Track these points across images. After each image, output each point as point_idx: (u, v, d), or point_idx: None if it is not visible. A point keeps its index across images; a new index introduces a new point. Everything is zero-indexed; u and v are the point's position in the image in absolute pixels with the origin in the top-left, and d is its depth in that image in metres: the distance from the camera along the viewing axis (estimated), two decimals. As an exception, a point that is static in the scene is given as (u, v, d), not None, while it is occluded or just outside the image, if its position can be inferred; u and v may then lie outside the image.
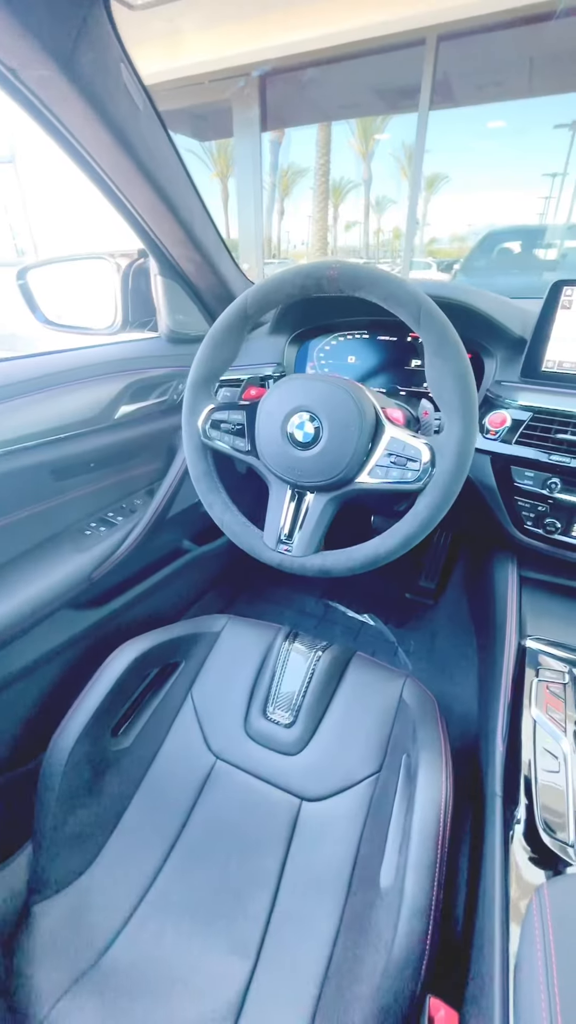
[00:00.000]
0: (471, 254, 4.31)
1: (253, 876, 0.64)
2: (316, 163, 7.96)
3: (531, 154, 5.98)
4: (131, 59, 0.56)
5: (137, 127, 0.62)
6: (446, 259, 6.58)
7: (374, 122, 6.82)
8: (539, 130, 5.04)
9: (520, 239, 4.30)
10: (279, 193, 9.23)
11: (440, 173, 7.94)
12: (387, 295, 0.58)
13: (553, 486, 0.72)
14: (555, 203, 5.53)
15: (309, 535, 0.66)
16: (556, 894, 0.41)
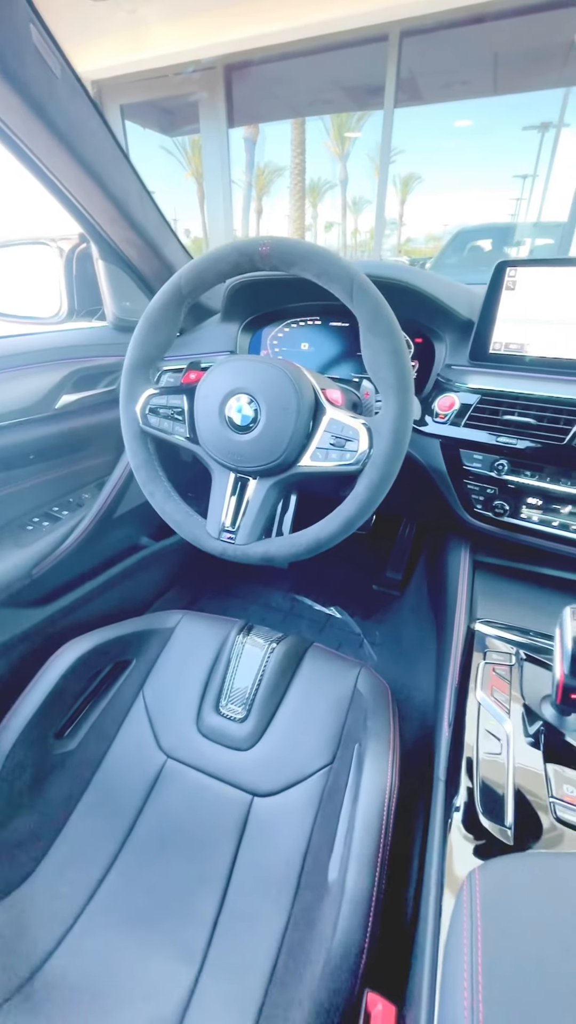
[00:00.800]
0: (443, 252, 4.36)
1: (202, 876, 0.62)
2: (291, 162, 7.97)
3: (503, 155, 6.08)
4: (44, 21, 0.53)
5: (54, 95, 0.59)
6: (420, 257, 6.65)
7: (348, 121, 6.84)
8: (509, 131, 5.12)
9: (491, 237, 4.37)
10: (256, 192, 9.19)
11: (415, 173, 8.02)
12: (320, 271, 0.56)
13: (500, 468, 0.72)
14: (526, 204, 5.63)
15: (252, 522, 0.64)
16: (487, 878, 0.39)
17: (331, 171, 8.90)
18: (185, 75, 3.76)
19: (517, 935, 0.35)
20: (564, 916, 0.35)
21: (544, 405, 0.69)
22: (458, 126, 5.08)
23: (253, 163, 7.85)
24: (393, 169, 6.87)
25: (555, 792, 0.48)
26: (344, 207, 9.07)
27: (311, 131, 7.51)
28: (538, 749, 0.53)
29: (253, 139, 7.35)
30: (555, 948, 0.34)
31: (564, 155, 4.88)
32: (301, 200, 8.25)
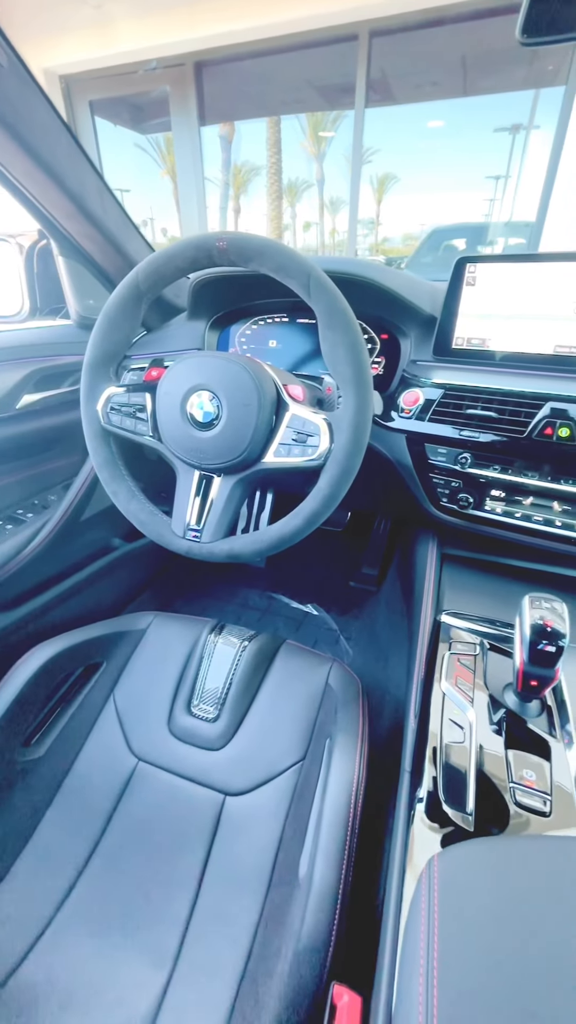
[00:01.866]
0: (418, 251, 4.41)
1: (174, 879, 0.62)
2: (268, 162, 7.95)
3: (476, 156, 6.15)
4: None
5: (1, 86, 0.58)
6: (397, 256, 6.72)
7: (324, 121, 6.85)
8: (481, 133, 5.20)
9: (464, 236, 4.44)
10: (234, 190, 9.13)
11: (391, 174, 8.08)
12: (277, 266, 0.56)
13: (464, 461, 0.73)
14: (499, 204, 5.72)
15: (217, 520, 0.64)
16: (445, 865, 0.40)
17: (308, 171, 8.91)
18: (154, 71, 3.71)
19: (473, 919, 0.35)
20: (519, 898, 0.36)
21: (505, 399, 0.70)
22: (431, 127, 5.14)
23: (230, 161, 7.81)
24: (369, 169, 6.92)
25: (515, 777, 0.49)
26: (321, 207, 9.09)
27: (288, 131, 7.50)
28: (500, 736, 0.53)
29: (229, 137, 7.31)
30: (510, 931, 0.34)
31: (534, 157, 4.98)
32: (278, 200, 8.24)
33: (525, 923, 0.35)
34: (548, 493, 0.70)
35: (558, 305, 0.69)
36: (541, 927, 0.34)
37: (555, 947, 0.33)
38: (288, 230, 10.16)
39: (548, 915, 0.35)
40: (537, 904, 0.35)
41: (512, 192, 5.44)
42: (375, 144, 5.62)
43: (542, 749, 0.52)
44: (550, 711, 0.56)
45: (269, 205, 8.50)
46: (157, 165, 7.59)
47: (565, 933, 0.33)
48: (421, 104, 4.15)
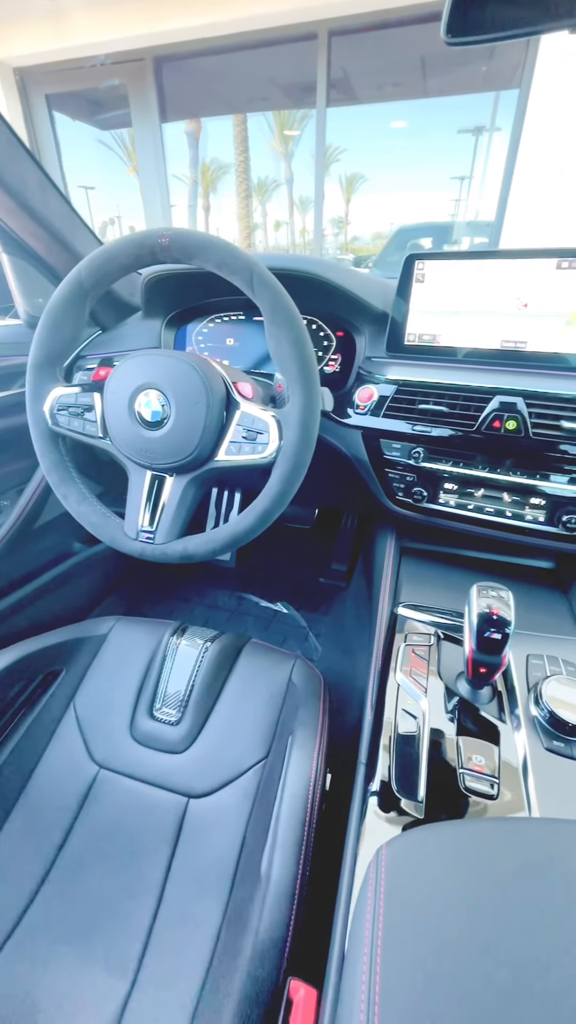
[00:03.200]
0: (384, 249, 4.47)
1: (137, 885, 0.61)
2: (235, 160, 7.89)
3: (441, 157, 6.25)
4: None
5: None
6: (366, 255, 6.79)
7: (290, 119, 6.85)
8: (445, 134, 5.29)
9: (430, 235, 4.52)
10: (202, 188, 9.04)
11: (359, 173, 8.14)
12: (220, 262, 0.56)
13: (417, 456, 0.74)
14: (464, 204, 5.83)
15: (170, 521, 0.63)
16: (392, 853, 0.40)
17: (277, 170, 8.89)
18: (105, 65, 3.64)
19: (417, 907, 0.36)
20: (462, 882, 0.37)
21: (456, 394, 0.72)
22: (394, 127, 5.21)
23: (198, 159, 7.72)
24: (337, 168, 6.96)
25: (464, 763, 0.50)
26: (291, 206, 9.09)
27: (256, 129, 7.46)
28: (452, 724, 0.55)
29: (196, 134, 7.23)
30: (452, 915, 0.35)
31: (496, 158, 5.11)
32: (247, 198, 8.20)
33: (467, 906, 0.35)
34: (498, 485, 0.71)
35: (503, 301, 0.71)
36: (483, 909, 0.35)
37: (496, 929, 0.34)
38: (259, 229, 10.12)
39: (489, 897, 0.35)
40: (478, 886, 0.36)
41: (476, 192, 5.56)
42: (341, 143, 5.65)
43: (491, 734, 0.53)
44: (500, 697, 0.58)
45: (238, 204, 8.45)
46: (123, 162, 7.45)
47: (504, 914, 0.34)
48: (384, 104, 4.20)
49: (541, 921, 0.34)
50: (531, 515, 0.70)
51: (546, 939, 0.33)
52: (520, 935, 0.33)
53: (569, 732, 0.51)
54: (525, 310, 0.70)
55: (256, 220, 9.75)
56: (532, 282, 0.69)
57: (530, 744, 0.52)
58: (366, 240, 8.36)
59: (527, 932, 0.33)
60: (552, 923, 0.33)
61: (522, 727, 0.54)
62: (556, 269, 0.67)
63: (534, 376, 0.69)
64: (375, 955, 0.34)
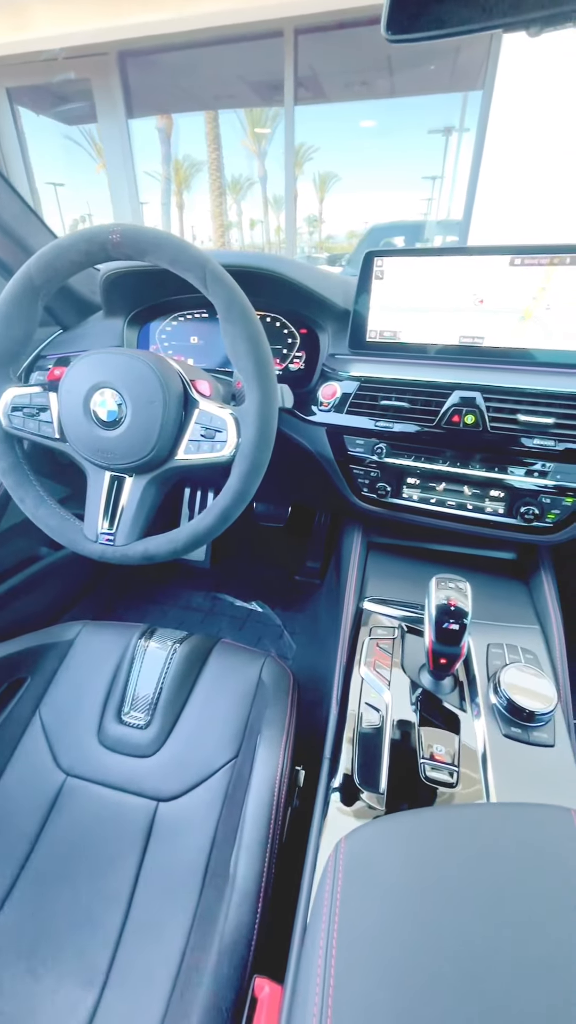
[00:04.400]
0: (358, 248, 4.52)
1: (105, 893, 0.60)
2: (208, 158, 7.82)
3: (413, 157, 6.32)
4: None
5: None
6: (340, 253, 6.82)
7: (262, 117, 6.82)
8: (416, 134, 5.34)
9: (403, 234, 4.58)
10: (176, 186, 8.92)
11: (332, 172, 8.15)
12: (172, 259, 0.55)
13: (380, 451, 0.75)
14: (436, 204, 5.91)
15: (131, 522, 0.63)
16: (350, 847, 0.40)
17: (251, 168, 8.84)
18: (75, 59, 3.56)
19: (373, 898, 0.36)
20: (416, 872, 0.37)
21: (417, 389, 0.73)
22: (364, 126, 5.24)
23: (170, 156, 7.61)
24: (311, 167, 6.96)
25: (425, 753, 0.51)
26: (265, 204, 9.06)
27: (229, 127, 7.41)
28: (415, 715, 0.55)
29: (167, 131, 7.13)
30: (406, 905, 0.35)
31: (465, 158, 5.19)
32: (220, 197, 8.13)
33: (420, 896, 0.36)
34: (459, 478, 0.73)
35: (460, 297, 0.72)
36: (435, 898, 0.35)
37: (447, 918, 0.34)
38: (235, 228, 10.07)
39: (442, 885, 0.36)
40: (432, 875, 0.37)
41: (447, 192, 5.64)
42: (313, 142, 5.65)
43: (452, 724, 0.54)
44: (462, 687, 0.59)
45: (212, 202, 8.38)
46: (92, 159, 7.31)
47: (456, 902, 0.35)
48: (353, 103, 4.22)
49: (491, 907, 0.34)
50: (491, 507, 0.72)
51: (496, 926, 0.33)
52: (470, 923, 0.34)
53: (526, 718, 0.53)
54: (481, 306, 0.72)
55: (232, 219, 9.68)
56: (487, 279, 0.70)
57: (489, 731, 0.53)
58: (341, 239, 8.40)
59: (477, 919, 0.34)
60: (501, 909, 0.34)
61: (482, 715, 0.55)
62: (509, 266, 0.68)
63: (491, 371, 0.71)
64: (330, 948, 0.34)
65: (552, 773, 0.49)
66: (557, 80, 2.85)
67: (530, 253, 0.67)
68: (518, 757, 0.51)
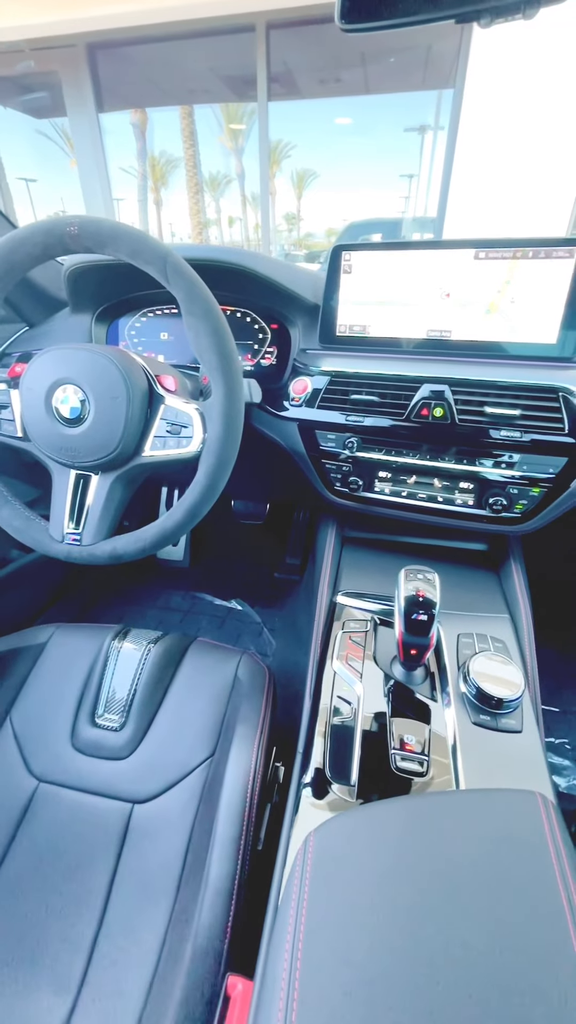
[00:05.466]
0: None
1: (79, 899, 0.59)
2: (184, 154, 7.73)
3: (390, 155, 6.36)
4: None
5: None
6: (319, 250, 6.82)
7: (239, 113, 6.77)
8: (392, 132, 5.36)
9: (380, 231, 4.61)
10: (152, 182, 8.79)
11: (309, 169, 8.13)
12: (133, 251, 0.54)
13: (351, 445, 0.75)
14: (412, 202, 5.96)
15: (97, 521, 0.61)
16: (319, 840, 0.40)
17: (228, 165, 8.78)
18: (43, 51, 3.48)
19: (340, 891, 0.36)
20: (384, 863, 0.37)
21: (386, 383, 0.73)
22: (339, 123, 5.25)
23: (145, 152, 7.49)
24: (289, 164, 6.94)
25: (395, 744, 0.51)
26: (243, 201, 9.01)
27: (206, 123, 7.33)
28: (387, 706, 0.55)
29: (141, 126, 7.02)
30: (374, 897, 0.35)
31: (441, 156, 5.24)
32: (198, 193, 8.06)
33: (385, 887, 0.36)
34: (429, 471, 0.73)
35: (427, 291, 0.73)
36: (400, 889, 0.35)
37: (411, 909, 0.34)
38: (214, 225, 9.99)
39: (406, 875, 0.36)
40: (396, 866, 0.37)
41: (424, 189, 5.69)
42: (289, 139, 5.63)
43: (423, 714, 0.55)
44: (433, 677, 0.59)
45: (189, 199, 8.29)
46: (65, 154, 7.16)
47: (425, 890, 0.35)
48: (328, 100, 4.22)
49: (456, 893, 0.35)
50: (461, 499, 0.73)
51: (460, 911, 0.34)
52: (435, 910, 0.34)
53: (495, 706, 0.53)
54: (448, 300, 0.72)
55: (211, 216, 9.60)
56: (452, 272, 0.71)
57: (459, 720, 0.53)
58: (320, 236, 8.39)
59: (442, 907, 0.34)
60: (466, 894, 0.34)
61: (452, 704, 0.55)
62: (474, 259, 0.69)
63: (458, 364, 0.71)
64: (296, 943, 0.34)
65: (520, 758, 0.50)
66: (527, 79, 2.89)
67: (493, 247, 0.68)
68: (487, 744, 0.51)
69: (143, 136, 7.09)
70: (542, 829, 0.39)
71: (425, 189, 5.66)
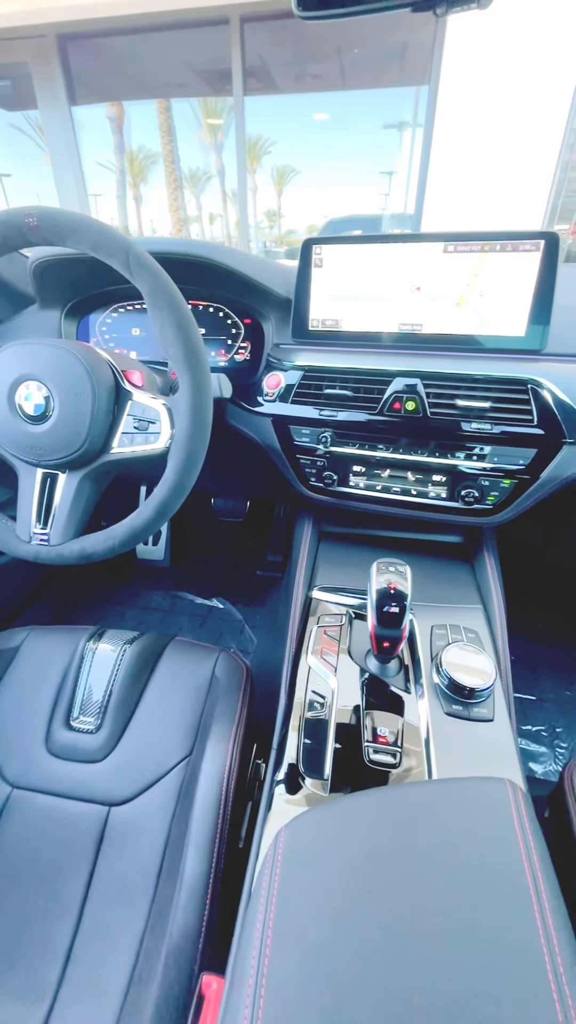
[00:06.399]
0: (316, 241, 4.53)
1: (54, 906, 0.58)
2: (162, 149, 7.62)
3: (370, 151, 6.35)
4: None
5: None
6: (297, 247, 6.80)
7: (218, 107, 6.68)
8: (371, 129, 5.36)
9: (359, 227, 4.62)
10: (131, 177, 8.65)
11: (290, 166, 8.09)
12: (95, 243, 0.53)
13: (325, 440, 0.75)
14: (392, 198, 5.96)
15: (66, 520, 0.60)
16: (290, 835, 0.40)
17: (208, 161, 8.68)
18: (11, 41, 3.38)
19: (309, 886, 0.36)
20: (353, 856, 0.37)
21: (359, 377, 0.73)
22: (317, 119, 5.24)
23: (123, 146, 7.37)
24: (270, 161, 6.88)
25: (368, 736, 0.51)
26: (224, 198, 8.94)
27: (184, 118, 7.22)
28: (361, 700, 0.56)
29: (118, 120, 6.89)
30: (342, 890, 0.35)
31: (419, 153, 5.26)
32: (177, 190, 7.96)
33: (358, 878, 0.36)
34: (402, 465, 0.73)
35: (398, 285, 0.73)
36: (372, 878, 0.35)
37: (385, 899, 0.34)
38: (195, 222, 9.88)
39: (379, 865, 0.36)
40: (369, 856, 0.37)
41: (403, 186, 5.70)
42: (268, 135, 5.58)
43: (397, 706, 0.55)
44: (407, 669, 0.59)
45: (169, 195, 8.19)
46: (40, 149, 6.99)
47: (393, 881, 0.35)
48: (306, 95, 4.20)
49: (424, 882, 0.35)
50: (434, 492, 0.73)
51: (428, 900, 0.34)
52: (403, 902, 0.34)
53: (467, 695, 0.54)
54: (418, 293, 0.72)
55: (192, 213, 9.49)
56: (422, 266, 0.71)
57: (432, 711, 0.54)
58: (301, 233, 8.37)
59: (410, 897, 0.34)
60: (434, 883, 0.35)
61: (425, 695, 0.56)
62: (443, 253, 0.69)
63: (430, 358, 0.72)
64: (265, 939, 0.34)
65: (491, 746, 0.51)
66: (502, 75, 2.92)
67: (462, 240, 0.68)
68: (459, 733, 0.52)
69: (120, 130, 6.97)
70: (510, 816, 0.40)
71: (405, 186, 5.68)
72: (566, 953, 0.32)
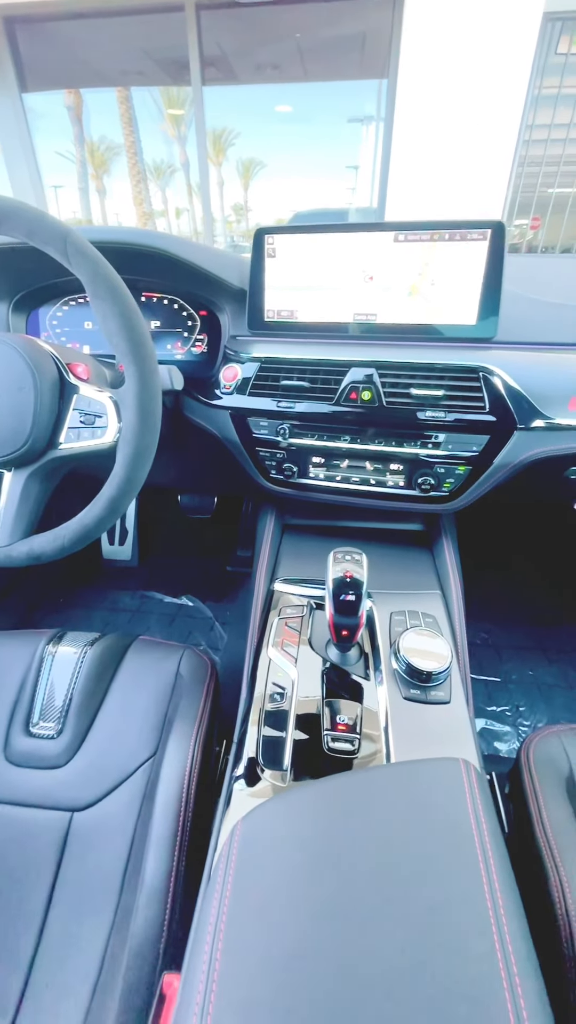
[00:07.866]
0: (282, 235, 4.52)
1: (15, 918, 0.56)
2: (124, 140, 7.42)
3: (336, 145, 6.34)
4: None
5: None
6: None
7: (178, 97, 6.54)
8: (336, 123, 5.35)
9: (325, 221, 4.63)
10: (93, 169, 8.41)
11: (256, 159, 8.01)
12: (30, 231, 0.51)
13: (283, 432, 0.74)
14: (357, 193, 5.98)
15: (12, 520, 0.58)
16: (246, 828, 0.40)
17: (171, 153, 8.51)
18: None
19: (263, 878, 0.36)
20: (308, 844, 0.37)
21: (316, 368, 0.73)
22: (279, 111, 5.20)
23: (83, 136, 7.14)
24: (235, 153, 6.79)
25: (328, 725, 0.51)
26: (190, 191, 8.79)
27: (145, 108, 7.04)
28: (321, 689, 0.56)
29: (76, 109, 6.67)
30: (296, 880, 0.35)
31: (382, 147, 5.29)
32: (141, 182, 7.77)
33: (312, 867, 0.36)
34: (360, 455, 0.74)
35: (351, 275, 0.73)
36: (327, 866, 0.36)
37: (338, 885, 0.34)
38: (161, 216, 9.69)
39: (333, 851, 0.36)
40: (324, 843, 0.37)
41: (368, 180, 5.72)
42: (232, 126, 5.51)
43: (357, 693, 0.55)
44: (367, 657, 0.60)
45: (132, 188, 7.99)
46: (-6, 137, 6.69)
47: (347, 867, 0.35)
48: (267, 86, 4.15)
49: (379, 865, 0.35)
50: (392, 480, 0.74)
51: (383, 883, 0.34)
52: (357, 887, 0.34)
53: (424, 679, 0.55)
54: (371, 283, 0.73)
55: (158, 207, 9.29)
56: (374, 256, 0.71)
57: (390, 696, 0.54)
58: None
59: (364, 882, 0.34)
60: (389, 866, 0.35)
61: (384, 681, 0.56)
62: (394, 242, 0.70)
63: (385, 347, 0.72)
64: (217, 936, 0.34)
65: (448, 727, 0.52)
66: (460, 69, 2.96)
67: (412, 229, 0.68)
68: (417, 717, 0.53)
69: (79, 120, 6.74)
70: (463, 795, 0.41)
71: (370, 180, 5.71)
72: (513, 925, 0.33)
